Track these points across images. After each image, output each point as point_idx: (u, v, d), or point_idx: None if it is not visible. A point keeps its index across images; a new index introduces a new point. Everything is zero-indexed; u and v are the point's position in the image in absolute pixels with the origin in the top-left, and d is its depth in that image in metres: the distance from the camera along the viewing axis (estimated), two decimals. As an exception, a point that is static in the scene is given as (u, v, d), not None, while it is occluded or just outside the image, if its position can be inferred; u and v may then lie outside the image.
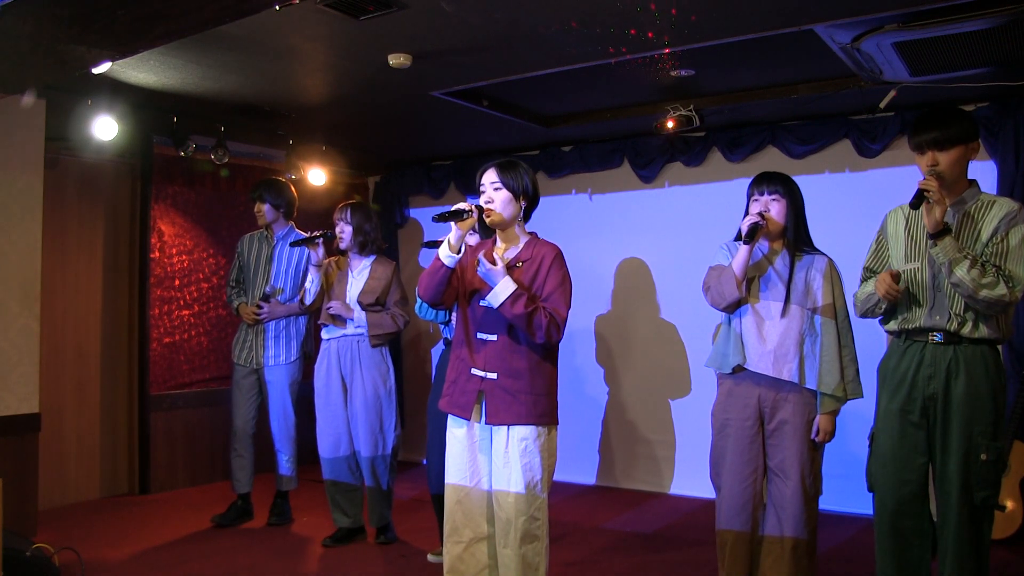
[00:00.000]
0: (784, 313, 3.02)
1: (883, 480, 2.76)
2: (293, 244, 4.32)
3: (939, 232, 2.57)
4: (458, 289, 2.80)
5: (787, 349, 2.99)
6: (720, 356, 3.14)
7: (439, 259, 2.67)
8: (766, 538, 3.06)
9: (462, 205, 2.65)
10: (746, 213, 3.11)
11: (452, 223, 2.64)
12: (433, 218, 2.65)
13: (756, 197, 3.08)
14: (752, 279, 3.07)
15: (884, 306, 2.76)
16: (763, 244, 3.10)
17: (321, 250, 4.08)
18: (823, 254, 3.10)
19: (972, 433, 2.60)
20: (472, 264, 2.75)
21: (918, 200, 2.59)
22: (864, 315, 2.87)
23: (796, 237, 3.06)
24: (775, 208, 3.03)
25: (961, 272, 2.54)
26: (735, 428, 3.08)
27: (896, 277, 2.69)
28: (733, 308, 3.08)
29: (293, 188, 4.67)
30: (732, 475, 3.09)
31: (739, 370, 3.07)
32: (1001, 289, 2.52)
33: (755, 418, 3.06)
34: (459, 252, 2.67)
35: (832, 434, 3.05)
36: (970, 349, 2.64)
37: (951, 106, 2.77)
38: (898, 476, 2.72)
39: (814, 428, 3.02)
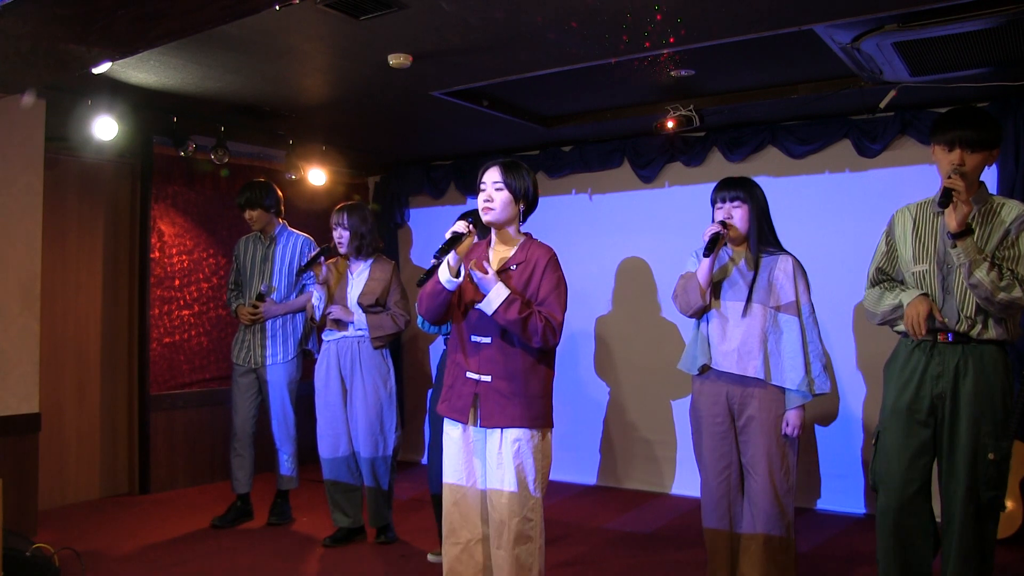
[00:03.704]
0: (745, 313, 3.10)
1: (888, 479, 2.76)
2: (300, 271, 4.30)
3: (961, 232, 2.56)
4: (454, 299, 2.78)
5: (751, 347, 3.08)
6: (690, 358, 3.27)
7: (440, 283, 2.65)
8: (743, 535, 3.14)
9: (457, 228, 2.63)
10: (712, 221, 3.17)
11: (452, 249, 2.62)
12: (434, 256, 2.60)
13: (719, 205, 3.18)
14: (717, 282, 3.18)
15: (902, 327, 2.75)
16: (728, 248, 3.21)
17: (324, 269, 4.07)
18: (788, 253, 3.17)
19: (979, 432, 2.60)
20: (466, 268, 2.74)
21: (946, 199, 2.56)
22: (881, 324, 2.86)
23: (760, 239, 3.14)
24: (737, 214, 3.13)
25: (981, 274, 2.53)
26: (707, 425, 3.19)
27: (928, 319, 2.66)
28: (700, 314, 3.21)
29: (276, 187, 4.64)
30: (707, 471, 3.21)
31: (705, 370, 3.19)
32: (1017, 292, 2.53)
33: (725, 414, 3.16)
34: (459, 276, 2.65)
35: (801, 428, 3.11)
36: (978, 349, 2.64)
37: (980, 109, 2.76)
38: (904, 475, 2.72)
39: (784, 423, 3.08)
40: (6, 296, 4.19)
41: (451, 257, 2.64)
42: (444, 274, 2.65)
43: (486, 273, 2.62)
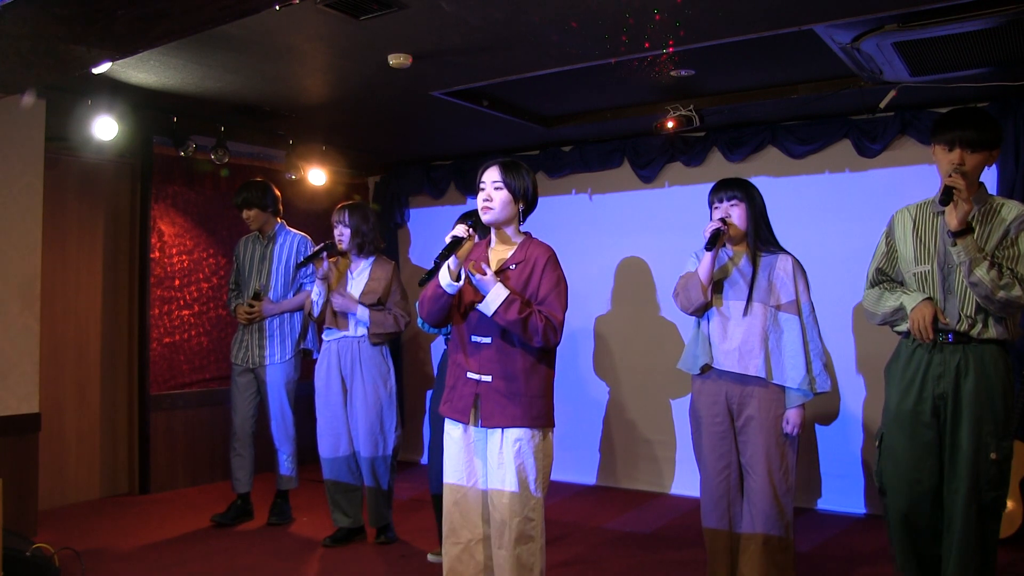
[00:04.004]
0: (746, 312, 3.12)
1: (895, 481, 2.77)
2: (299, 265, 4.31)
3: (962, 231, 2.56)
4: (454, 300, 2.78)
5: (752, 346, 3.09)
6: (691, 358, 3.27)
7: (440, 287, 2.65)
8: (743, 535, 3.15)
9: (457, 232, 2.63)
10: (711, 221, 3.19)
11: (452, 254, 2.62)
12: (435, 261, 2.59)
13: (717, 205, 3.20)
14: (718, 282, 3.19)
15: (905, 327, 2.75)
16: (727, 248, 3.22)
17: (326, 264, 4.07)
18: (787, 253, 3.19)
19: (981, 432, 2.61)
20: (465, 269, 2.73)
21: (947, 197, 2.57)
22: (882, 324, 2.87)
23: (758, 238, 3.16)
24: (736, 213, 3.15)
25: (981, 272, 2.54)
26: (706, 425, 3.20)
27: (934, 322, 2.67)
28: (701, 312, 3.21)
29: (274, 186, 4.64)
30: (706, 471, 3.23)
31: (706, 369, 3.20)
32: (1017, 291, 2.53)
33: (724, 414, 3.17)
34: (459, 279, 2.65)
35: (802, 427, 3.13)
36: (979, 349, 2.64)
37: (980, 109, 2.78)
38: (910, 476, 2.73)
39: (784, 421, 3.09)
40: (6, 296, 4.18)
41: (451, 261, 2.63)
42: (444, 278, 2.64)
43: (484, 274, 2.62)
